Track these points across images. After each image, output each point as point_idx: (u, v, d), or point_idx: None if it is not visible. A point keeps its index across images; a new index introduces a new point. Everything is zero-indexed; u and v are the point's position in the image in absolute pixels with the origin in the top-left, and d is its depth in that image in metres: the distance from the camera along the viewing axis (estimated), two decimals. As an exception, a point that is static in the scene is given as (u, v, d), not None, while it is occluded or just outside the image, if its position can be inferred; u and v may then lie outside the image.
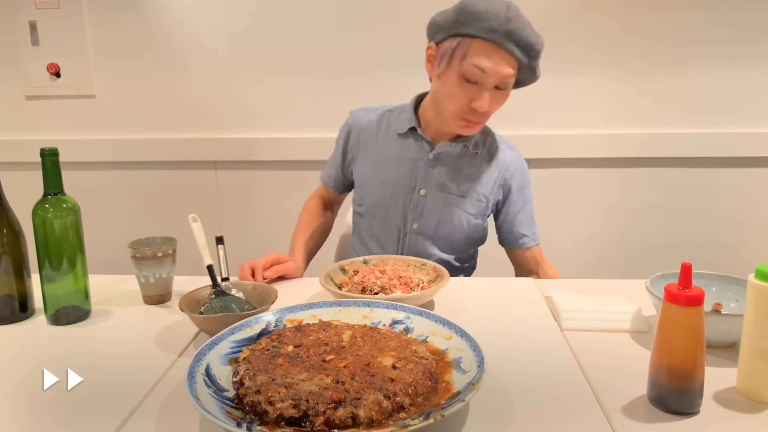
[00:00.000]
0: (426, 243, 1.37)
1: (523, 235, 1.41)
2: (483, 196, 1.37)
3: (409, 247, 1.38)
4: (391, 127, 1.40)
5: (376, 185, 1.39)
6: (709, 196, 2.17)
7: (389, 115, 1.42)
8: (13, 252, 1.03)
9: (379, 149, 1.40)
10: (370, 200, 1.40)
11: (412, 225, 1.37)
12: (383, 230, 1.40)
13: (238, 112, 2.17)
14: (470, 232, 1.38)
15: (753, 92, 2.08)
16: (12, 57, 2.16)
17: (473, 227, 1.37)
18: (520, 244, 1.41)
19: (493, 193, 1.38)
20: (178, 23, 2.12)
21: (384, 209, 1.38)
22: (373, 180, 1.40)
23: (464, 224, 1.36)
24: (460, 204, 1.35)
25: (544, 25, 2.03)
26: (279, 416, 0.67)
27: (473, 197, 1.36)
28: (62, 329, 1.02)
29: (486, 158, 1.38)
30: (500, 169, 1.38)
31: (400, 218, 1.37)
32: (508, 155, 1.40)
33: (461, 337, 0.83)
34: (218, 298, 1.03)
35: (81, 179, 2.23)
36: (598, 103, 2.11)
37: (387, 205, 1.38)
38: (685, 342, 0.72)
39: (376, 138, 1.41)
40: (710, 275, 1.02)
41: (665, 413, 0.74)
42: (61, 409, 0.76)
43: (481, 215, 1.38)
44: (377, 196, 1.39)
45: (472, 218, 1.36)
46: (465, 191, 1.35)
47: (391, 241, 1.40)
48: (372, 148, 1.41)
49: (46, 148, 0.99)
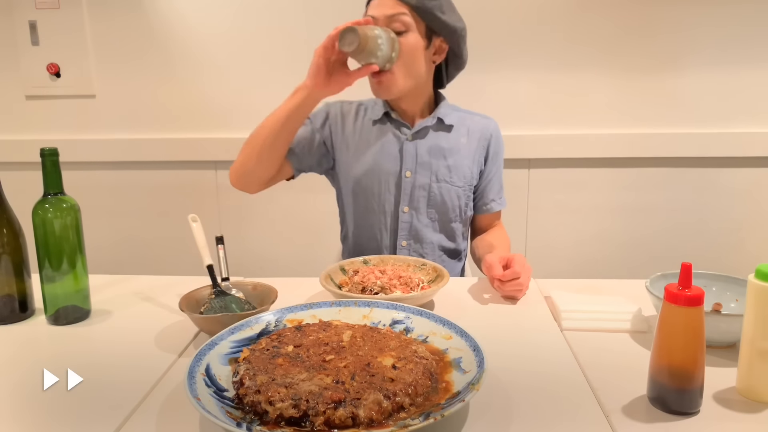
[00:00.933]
0: (419, 225, 1.39)
1: (492, 200, 1.45)
2: (467, 167, 1.39)
3: (401, 231, 1.40)
4: (368, 115, 1.42)
5: (362, 173, 1.40)
6: (709, 196, 2.17)
7: (364, 106, 1.45)
8: (13, 252, 1.03)
9: (358, 136, 1.41)
10: (359, 189, 1.41)
11: (402, 208, 1.39)
12: (374, 219, 1.41)
13: (238, 112, 2.17)
14: (461, 205, 1.41)
15: (753, 92, 2.08)
16: (12, 57, 2.16)
17: (464, 200, 1.41)
18: (488, 209, 1.46)
19: (476, 163, 1.41)
20: (178, 23, 2.12)
21: (372, 197, 1.40)
22: (358, 168, 1.40)
23: (454, 198, 1.39)
24: (447, 178, 1.38)
25: (544, 25, 2.05)
26: (279, 416, 0.67)
27: (458, 170, 1.38)
28: (62, 329, 1.02)
29: (463, 131, 1.41)
30: (478, 138, 1.41)
31: (390, 203, 1.39)
32: (483, 123, 1.43)
33: (461, 337, 0.83)
34: (218, 298, 1.03)
35: (81, 179, 2.24)
36: (598, 103, 2.11)
37: (376, 191, 1.39)
38: (685, 342, 0.72)
39: (353, 126, 1.42)
40: (710, 275, 1.02)
41: (665, 413, 0.74)
42: (61, 409, 0.76)
43: (468, 185, 1.41)
44: (364, 184, 1.40)
45: (460, 190, 1.39)
46: (450, 165, 1.38)
47: (382, 227, 1.41)
48: (351, 135, 1.42)
49: (46, 148, 0.99)
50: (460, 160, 1.39)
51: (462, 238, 1.47)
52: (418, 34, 1.28)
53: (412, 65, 1.29)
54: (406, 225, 1.40)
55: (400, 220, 1.39)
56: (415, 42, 1.28)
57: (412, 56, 1.28)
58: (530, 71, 2.08)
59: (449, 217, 1.41)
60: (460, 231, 1.45)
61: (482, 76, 2.08)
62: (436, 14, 1.26)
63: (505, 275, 1.11)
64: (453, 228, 1.43)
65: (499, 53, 2.08)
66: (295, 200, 2.22)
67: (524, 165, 2.16)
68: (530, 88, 2.10)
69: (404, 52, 1.27)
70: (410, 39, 1.27)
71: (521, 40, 2.06)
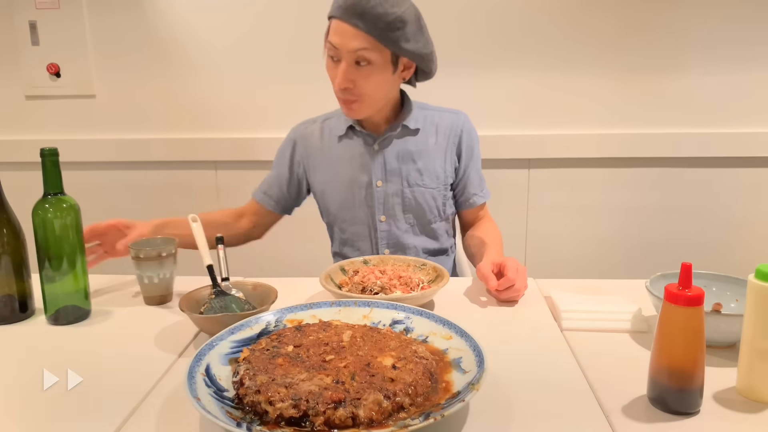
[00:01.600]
0: (398, 232, 1.40)
1: (473, 194, 1.44)
2: (438, 167, 1.39)
3: (381, 240, 1.40)
4: (333, 132, 1.42)
5: (335, 191, 1.41)
6: (709, 196, 2.17)
7: (329, 122, 1.44)
8: (13, 252, 1.03)
9: (327, 155, 1.41)
10: (334, 207, 1.42)
11: (379, 218, 1.39)
12: (353, 231, 1.42)
13: (238, 112, 2.17)
14: (439, 206, 1.40)
15: (753, 92, 2.08)
16: (12, 57, 2.16)
17: (440, 200, 1.40)
18: (471, 203, 1.44)
19: (448, 161, 1.40)
20: (178, 23, 2.12)
21: (349, 211, 1.41)
22: (331, 187, 1.42)
23: (429, 200, 1.39)
24: (419, 182, 1.38)
25: (544, 25, 2.05)
26: (279, 416, 0.67)
27: (430, 171, 1.38)
28: (62, 329, 1.02)
29: (431, 131, 1.39)
30: (447, 135, 1.40)
31: (366, 215, 1.40)
32: (452, 119, 1.41)
33: (461, 337, 0.83)
34: (218, 298, 1.03)
35: (81, 179, 2.24)
36: (598, 103, 2.11)
37: (350, 206, 1.40)
38: (685, 342, 0.72)
39: (321, 146, 1.43)
40: (710, 275, 1.02)
41: (665, 413, 0.74)
42: (61, 409, 0.76)
43: (443, 185, 1.40)
44: (339, 201, 1.41)
45: (434, 191, 1.39)
46: (420, 168, 1.37)
47: (363, 239, 1.42)
48: (320, 156, 1.42)
49: (46, 148, 0.99)
50: (431, 161, 1.38)
51: (447, 235, 1.47)
52: (382, 66, 1.24)
53: (379, 92, 1.28)
54: (384, 234, 1.40)
55: (379, 229, 1.40)
56: (380, 76, 1.25)
57: (378, 87, 1.27)
58: (530, 71, 2.08)
59: (427, 218, 1.41)
60: (443, 229, 1.45)
61: (482, 76, 2.09)
62: (401, 44, 1.21)
63: (500, 284, 1.09)
64: (434, 228, 1.42)
65: (499, 53, 2.08)
66: (295, 200, 2.22)
67: (524, 165, 2.16)
68: (530, 88, 2.10)
69: (369, 85, 1.25)
70: (374, 73, 1.24)
71: (521, 40, 2.06)
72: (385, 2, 1.18)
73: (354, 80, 1.24)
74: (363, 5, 1.17)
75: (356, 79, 1.24)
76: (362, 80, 1.24)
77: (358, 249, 1.43)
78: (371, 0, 1.17)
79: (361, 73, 1.23)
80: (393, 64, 1.25)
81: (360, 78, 1.24)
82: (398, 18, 1.18)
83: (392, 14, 1.18)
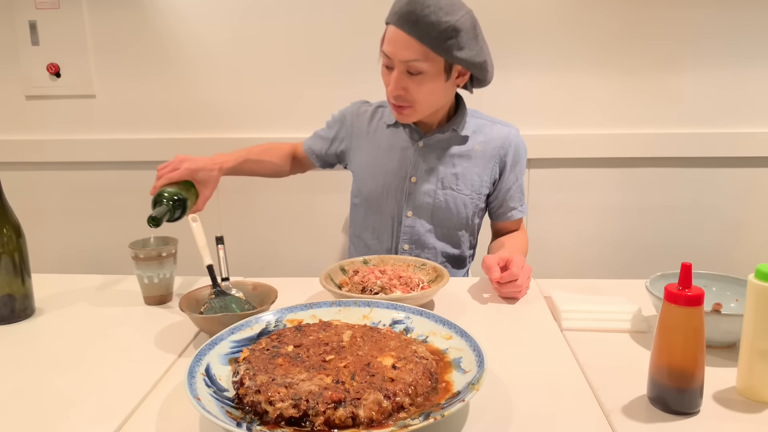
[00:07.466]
0: (421, 230, 1.40)
1: (513, 208, 1.44)
2: (476, 175, 1.38)
3: (403, 234, 1.40)
4: (383, 119, 1.44)
5: (369, 175, 1.43)
6: (709, 196, 2.17)
7: (382, 109, 1.47)
8: (13, 252, 1.03)
9: (371, 140, 1.44)
10: (366, 190, 1.44)
11: (406, 213, 1.39)
12: (378, 219, 1.43)
13: (238, 112, 2.17)
14: (468, 214, 1.40)
15: (752, 92, 2.08)
16: (12, 57, 2.16)
17: (471, 209, 1.40)
18: (509, 216, 1.44)
19: (488, 172, 1.39)
20: (178, 23, 2.12)
21: (377, 198, 1.42)
22: (367, 170, 1.44)
23: (460, 206, 1.39)
24: (454, 186, 1.38)
25: (544, 25, 2.05)
26: (279, 416, 0.67)
27: (467, 178, 1.38)
28: (62, 329, 1.02)
29: (479, 139, 1.39)
30: (494, 147, 1.40)
31: (393, 207, 1.40)
32: (503, 132, 1.41)
33: (461, 337, 0.83)
34: (218, 298, 1.03)
35: (81, 179, 2.24)
36: (598, 103, 2.11)
37: (380, 194, 1.41)
38: (685, 342, 0.72)
39: (368, 129, 1.45)
40: (710, 275, 1.02)
41: (665, 413, 0.74)
42: (61, 409, 0.76)
43: (477, 194, 1.39)
44: (370, 186, 1.42)
45: (467, 198, 1.39)
46: (458, 173, 1.37)
47: (385, 229, 1.43)
48: (365, 139, 1.45)
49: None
50: (471, 168, 1.38)
51: (468, 246, 1.46)
52: (434, 75, 1.24)
53: (432, 99, 1.29)
54: (408, 229, 1.40)
55: (403, 224, 1.40)
56: (432, 84, 1.25)
57: (430, 94, 1.27)
58: (530, 71, 2.08)
59: (453, 224, 1.40)
60: (466, 239, 1.44)
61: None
62: (453, 53, 1.21)
63: (502, 277, 1.10)
64: (458, 236, 1.42)
65: (499, 53, 2.07)
66: (295, 200, 2.22)
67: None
68: (530, 87, 2.10)
69: (421, 93, 1.26)
70: (426, 81, 1.24)
71: (521, 40, 2.06)
72: (440, 10, 1.17)
73: (406, 87, 1.25)
74: (417, 13, 1.17)
75: (409, 87, 1.25)
76: (415, 87, 1.25)
77: (377, 237, 1.44)
78: (426, 8, 1.17)
79: (413, 81, 1.24)
80: (446, 71, 1.26)
81: (413, 85, 1.25)
82: (451, 27, 1.18)
83: (445, 23, 1.18)
